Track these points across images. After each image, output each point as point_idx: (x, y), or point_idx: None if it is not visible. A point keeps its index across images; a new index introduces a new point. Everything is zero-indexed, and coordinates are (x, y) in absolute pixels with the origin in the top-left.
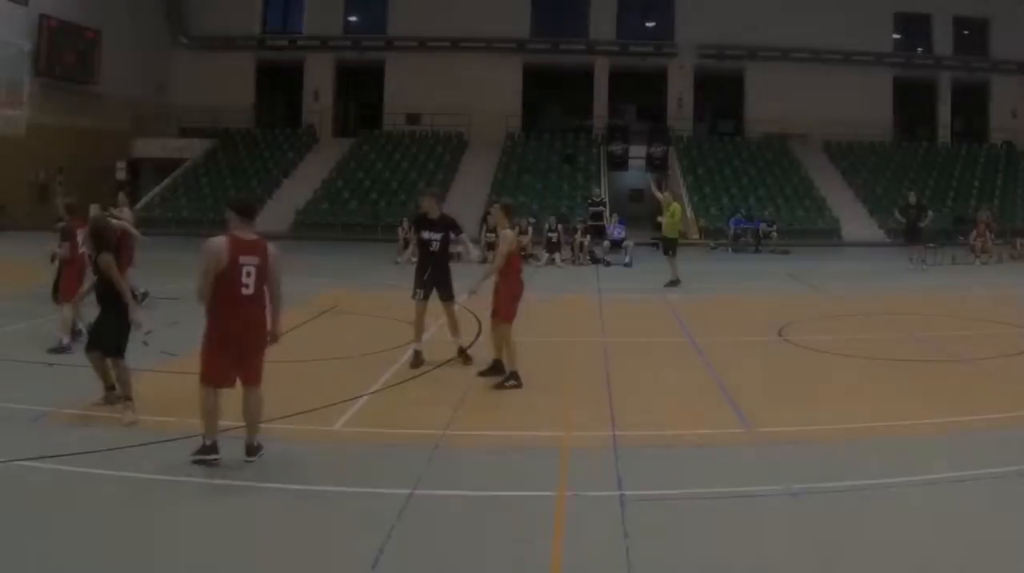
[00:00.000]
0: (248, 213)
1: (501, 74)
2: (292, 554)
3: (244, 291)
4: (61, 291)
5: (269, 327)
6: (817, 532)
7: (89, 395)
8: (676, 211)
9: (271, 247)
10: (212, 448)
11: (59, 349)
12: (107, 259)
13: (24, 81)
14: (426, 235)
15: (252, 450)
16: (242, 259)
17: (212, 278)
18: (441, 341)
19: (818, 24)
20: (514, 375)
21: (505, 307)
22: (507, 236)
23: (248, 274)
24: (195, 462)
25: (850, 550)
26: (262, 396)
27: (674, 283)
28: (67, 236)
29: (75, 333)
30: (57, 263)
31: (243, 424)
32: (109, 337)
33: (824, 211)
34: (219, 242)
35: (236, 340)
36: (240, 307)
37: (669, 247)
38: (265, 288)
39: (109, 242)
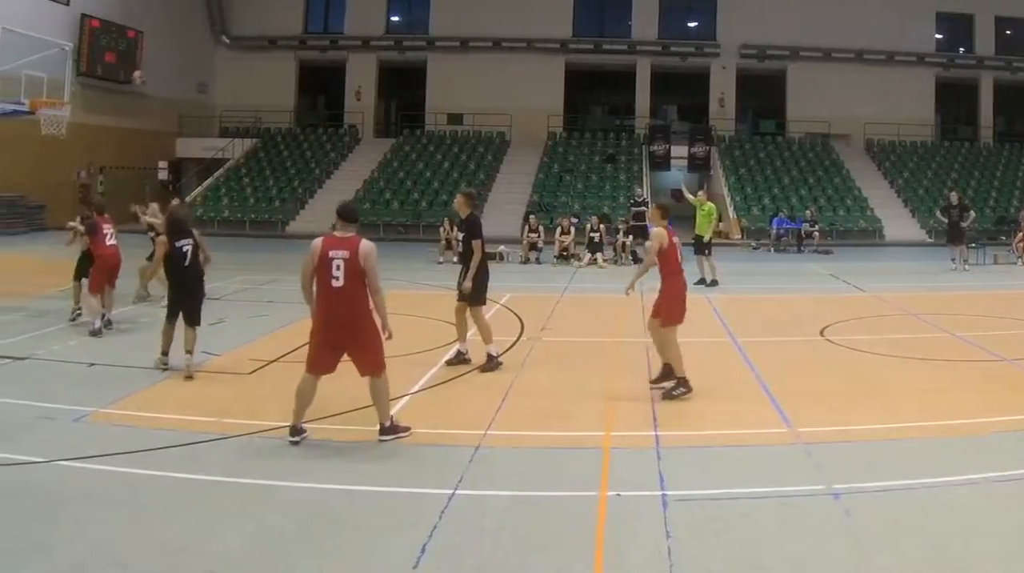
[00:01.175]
0: (346, 216)
1: (543, 74)
2: (334, 553)
3: (334, 283)
4: (90, 283)
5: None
6: (858, 532)
7: (128, 396)
8: (711, 211)
9: (363, 243)
10: (297, 430)
11: (95, 332)
12: (164, 241)
13: (66, 81)
14: (456, 235)
15: (382, 430)
16: (331, 253)
17: (310, 272)
18: (481, 343)
19: (860, 24)
20: (682, 382)
21: (667, 310)
22: (656, 234)
23: (337, 267)
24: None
25: (891, 551)
26: (381, 385)
27: (711, 283)
28: (93, 230)
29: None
30: (79, 247)
31: (280, 425)
32: (194, 311)
33: (866, 211)
34: (316, 240)
35: (329, 329)
36: (331, 298)
37: (702, 246)
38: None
39: (185, 229)
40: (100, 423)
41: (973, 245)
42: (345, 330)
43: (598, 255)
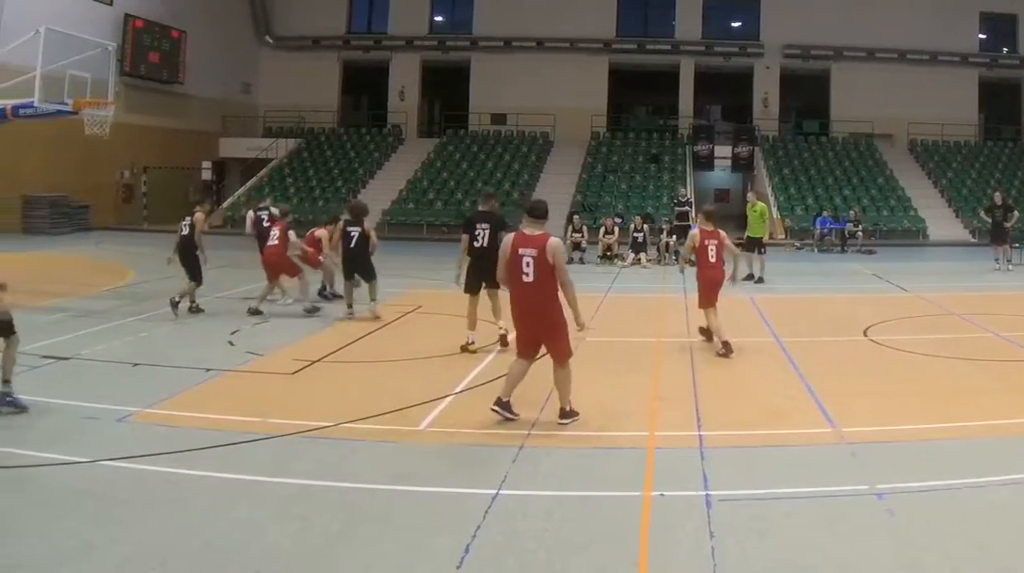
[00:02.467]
0: (534, 213)
1: (587, 74)
2: (378, 553)
3: (524, 278)
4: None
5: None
6: (902, 532)
7: (172, 396)
8: (763, 211)
9: (551, 240)
10: (507, 406)
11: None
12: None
13: (109, 81)
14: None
15: (562, 414)
16: (521, 250)
17: (502, 266)
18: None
19: (904, 24)
20: (726, 345)
21: (703, 294)
22: (692, 235)
23: (527, 263)
24: (492, 410)
25: (935, 551)
26: (565, 374)
27: (757, 280)
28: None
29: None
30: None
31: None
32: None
33: (909, 211)
34: (508, 237)
35: (524, 324)
36: (521, 291)
37: (754, 245)
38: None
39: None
40: (144, 423)
41: (1017, 245)
42: (538, 323)
43: (642, 255)
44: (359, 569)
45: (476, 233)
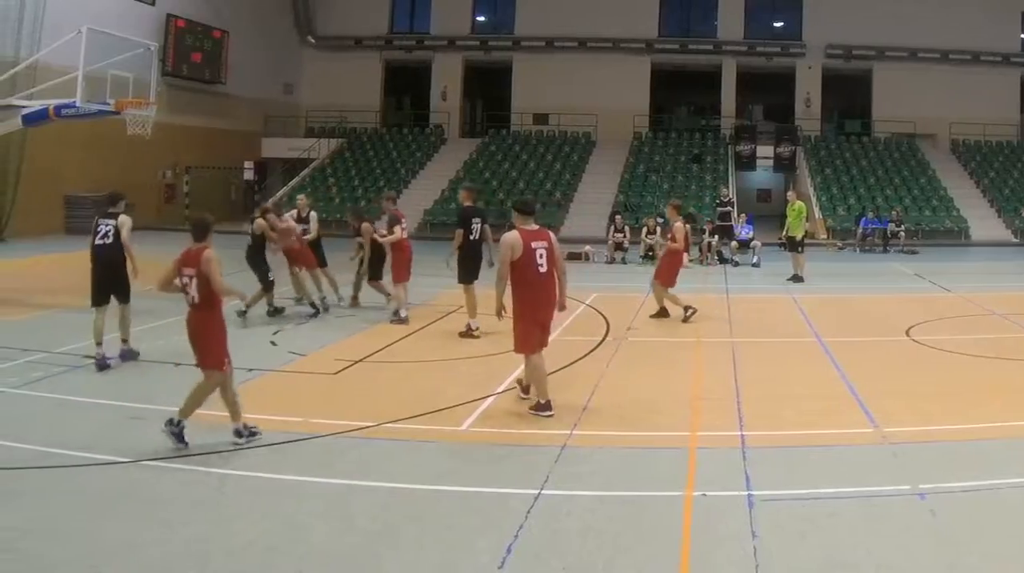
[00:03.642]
0: (528, 209)
1: (629, 74)
2: (420, 553)
3: (540, 270)
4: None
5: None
6: (945, 532)
7: (213, 396)
8: (801, 209)
9: (552, 234)
10: (547, 406)
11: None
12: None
13: (151, 81)
14: None
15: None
16: (534, 244)
17: (508, 263)
18: (566, 342)
19: (946, 24)
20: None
21: (665, 273)
22: (679, 228)
23: (540, 255)
24: (532, 413)
25: (978, 551)
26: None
27: (798, 279)
28: (394, 222)
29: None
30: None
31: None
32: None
33: (951, 211)
34: (512, 235)
35: (539, 310)
36: (537, 283)
37: (795, 244)
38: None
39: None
40: (187, 423)
41: None
42: (551, 310)
43: (684, 255)
44: (401, 569)
45: (472, 227)
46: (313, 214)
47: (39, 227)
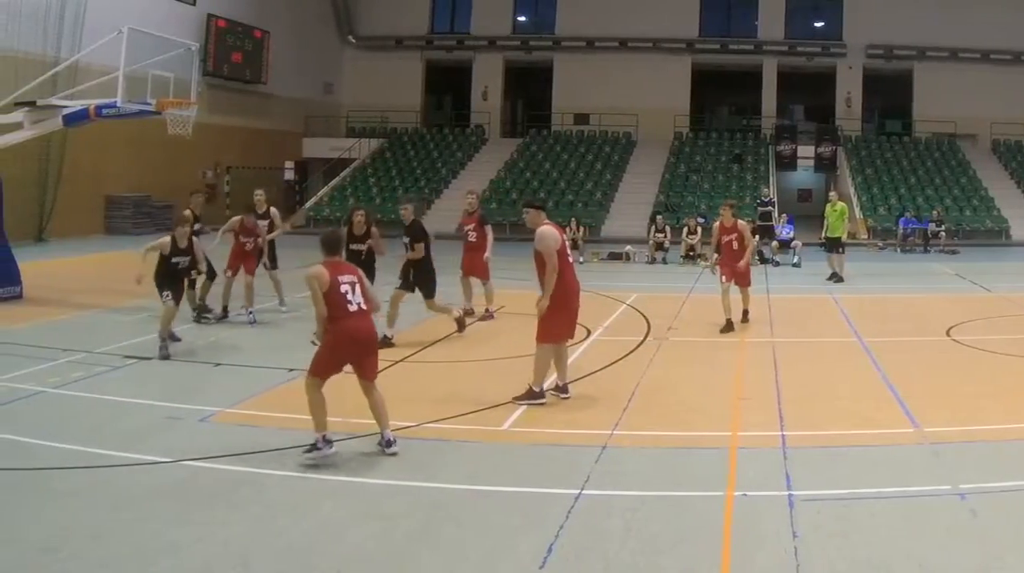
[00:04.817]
0: (538, 204)
1: (669, 74)
2: (460, 553)
3: (571, 261)
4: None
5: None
6: (985, 532)
7: (253, 396)
8: (843, 210)
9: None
10: (564, 389)
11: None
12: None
13: (192, 81)
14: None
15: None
16: (564, 238)
17: (555, 254)
18: (607, 342)
19: (986, 24)
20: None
21: (745, 274)
22: (744, 226)
23: (570, 249)
24: (517, 400)
25: (1019, 551)
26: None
27: (838, 279)
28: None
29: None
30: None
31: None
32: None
33: (992, 211)
34: (548, 229)
35: (576, 300)
36: (573, 274)
37: (835, 245)
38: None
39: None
40: (226, 423)
41: None
42: (578, 297)
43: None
44: (441, 569)
45: (429, 241)
46: (274, 210)
47: (80, 227)
